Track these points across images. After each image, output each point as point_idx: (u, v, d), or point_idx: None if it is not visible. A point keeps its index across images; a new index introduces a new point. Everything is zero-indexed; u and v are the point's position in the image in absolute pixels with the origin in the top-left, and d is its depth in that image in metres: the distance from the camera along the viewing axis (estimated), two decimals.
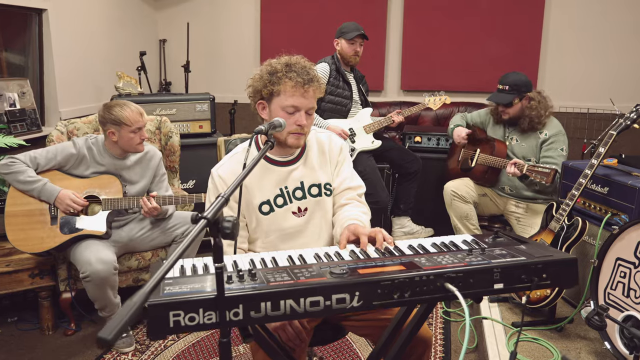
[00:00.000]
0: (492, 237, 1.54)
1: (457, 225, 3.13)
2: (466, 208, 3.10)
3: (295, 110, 1.64)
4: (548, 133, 2.97)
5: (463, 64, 4.85)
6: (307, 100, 1.64)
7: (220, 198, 1.04)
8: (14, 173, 2.45)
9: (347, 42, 3.36)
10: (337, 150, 1.83)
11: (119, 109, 2.47)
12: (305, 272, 1.21)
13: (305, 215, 1.77)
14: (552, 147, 2.94)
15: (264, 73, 1.68)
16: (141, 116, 2.52)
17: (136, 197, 2.55)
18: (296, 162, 1.77)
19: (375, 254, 1.40)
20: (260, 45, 5.13)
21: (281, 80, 1.62)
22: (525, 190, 3.02)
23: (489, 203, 3.17)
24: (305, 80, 1.62)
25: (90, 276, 2.34)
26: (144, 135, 2.55)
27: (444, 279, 1.23)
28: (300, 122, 1.64)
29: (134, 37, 4.83)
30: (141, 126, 2.52)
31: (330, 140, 1.84)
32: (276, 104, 1.66)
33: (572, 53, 4.66)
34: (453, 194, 3.11)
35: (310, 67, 1.68)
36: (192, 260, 1.33)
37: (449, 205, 3.15)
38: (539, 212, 2.95)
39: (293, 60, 1.67)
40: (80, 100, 4.11)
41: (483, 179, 3.14)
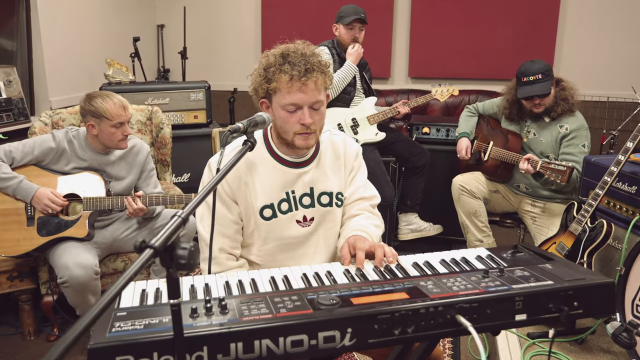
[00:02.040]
0: (510, 251, 1.34)
1: (465, 222, 2.92)
2: (475, 204, 2.88)
3: (296, 107, 1.43)
4: (569, 127, 2.70)
5: (474, 50, 4.59)
6: (308, 95, 1.41)
7: (175, 218, 0.83)
8: None
9: (345, 27, 3.12)
10: (352, 156, 1.62)
11: (100, 101, 2.26)
12: (288, 302, 1.01)
13: (311, 225, 1.57)
14: (573, 142, 2.68)
15: (260, 68, 1.47)
16: (124, 110, 2.29)
17: (120, 197, 2.35)
18: (308, 164, 1.55)
19: (375, 275, 1.19)
20: (261, 30, 4.89)
21: (275, 76, 1.41)
22: (542, 189, 2.78)
23: (501, 200, 2.94)
24: (301, 72, 1.38)
25: (68, 282, 2.16)
26: (127, 131, 2.33)
27: (456, 310, 1.03)
28: (304, 120, 1.42)
29: (130, 22, 4.60)
30: (124, 121, 2.30)
31: (346, 143, 1.63)
32: (276, 103, 1.45)
33: (591, 37, 4.37)
34: (461, 188, 2.89)
35: (312, 53, 1.44)
36: (158, 282, 1.13)
37: (457, 200, 2.94)
38: (556, 212, 2.72)
39: (291, 48, 1.44)
40: (72, 89, 3.91)
41: (495, 175, 2.91)
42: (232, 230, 1.53)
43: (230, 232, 1.52)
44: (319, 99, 1.44)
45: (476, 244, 2.89)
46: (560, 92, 2.73)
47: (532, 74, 2.67)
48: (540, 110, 2.72)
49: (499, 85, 4.56)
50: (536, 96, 2.66)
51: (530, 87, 2.67)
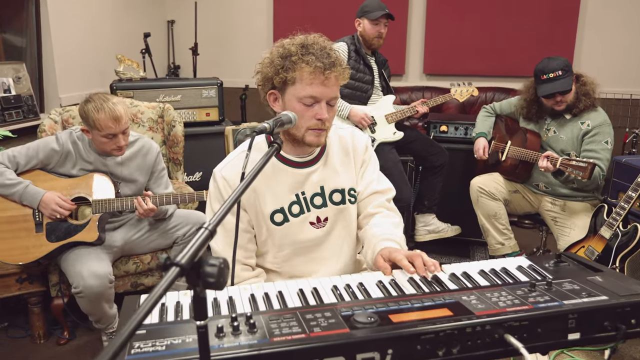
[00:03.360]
0: (553, 261, 1.24)
1: (485, 225, 2.81)
2: (495, 206, 2.77)
3: (314, 101, 1.34)
4: (591, 124, 2.58)
5: (491, 46, 4.47)
6: (329, 89, 1.34)
7: (202, 231, 0.75)
8: None
9: (371, 22, 3.03)
10: (362, 149, 1.53)
11: (93, 108, 2.11)
12: (321, 319, 0.92)
13: (326, 226, 1.48)
14: (595, 139, 2.56)
15: (275, 57, 1.36)
16: (116, 122, 2.11)
17: (130, 198, 2.26)
18: (315, 163, 1.47)
19: (411, 288, 1.10)
20: (272, 26, 4.80)
21: (296, 66, 1.32)
22: (561, 187, 2.68)
23: (521, 201, 2.83)
24: (325, 65, 1.31)
25: (83, 292, 2.08)
26: (120, 142, 2.19)
27: (504, 329, 0.94)
28: (321, 115, 1.34)
29: (140, 18, 4.53)
30: (115, 133, 2.15)
31: (354, 136, 1.54)
32: (291, 94, 1.35)
33: (613, 32, 4.24)
34: (480, 190, 2.79)
35: (331, 47, 1.36)
36: (178, 295, 1.05)
37: (476, 202, 2.83)
38: (577, 211, 2.62)
39: (310, 40, 1.36)
40: (81, 86, 3.85)
41: (514, 174, 2.81)
42: (244, 240, 1.45)
43: (242, 241, 1.44)
44: (337, 95, 1.37)
45: (497, 247, 2.79)
46: (581, 87, 2.62)
47: (552, 70, 2.56)
48: (562, 108, 2.61)
49: (517, 83, 4.45)
50: (558, 93, 2.55)
51: (552, 85, 2.56)
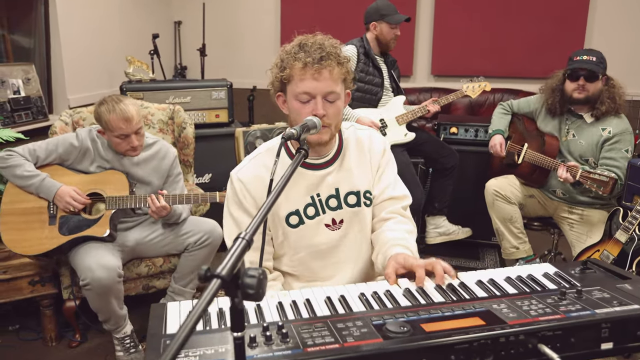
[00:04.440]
0: (579, 268, 1.23)
1: (500, 228, 2.79)
2: (510, 210, 2.74)
3: (309, 97, 1.33)
4: (612, 131, 2.52)
5: (499, 47, 4.46)
6: (322, 84, 1.31)
7: (240, 241, 0.74)
8: (11, 167, 2.22)
9: (390, 25, 3.02)
10: (379, 152, 1.51)
11: (105, 109, 2.17)
12: (353, 329, 0.91)
13: (341, 228, 1.47)
14: (616, 147, 2.50)
15: (277, 59, 1.39)
16: (127, 123, 2.16)
17: (144, 196, 2.27)
18: (331, 164, 1.46)
19: (439, 296, 1.09)
20: (280, 26, 4.79)
21: (289, 64, 1.33)
22: (579, 194, 2.63)
23: (536, 205, 2.81)
24: (315, 59, 1.29)
25: (90, 284, 2.08)
26: (134, 143, 2.22)
27: (538, 338, 0.93)
28: (316, 111, 1.32)
29: (147, 19, 4.53)
30: (127, 133, 2.19)
31: (372, 139, 1.52)
32: (289, 94, 1.37)
33: (622, 34, 4.22)
34: (495, 193, 2.76)
35: (331, 44, 1.34)
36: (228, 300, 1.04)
37: (491, 206, 2.80)
38: (596, 220, 2.58)
39: (309, 38, 1.36)
40: (90, 87, 3.85)
41: (530, 179, 2.78)
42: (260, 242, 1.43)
43: (259, 243, 1.43)
44: (333, 90, 1.34)
45: (512, 251, 2.77)
46: (609, 89, 2.56)
47: (587, 54, 2.54)
48: (581, 97, 2.53)
49: (525, 84, 4.45)
50: (583, 76, 2.50)
51: (581, 63, 2.53)
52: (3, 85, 3.20)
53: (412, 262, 1.20)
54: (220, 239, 2.43)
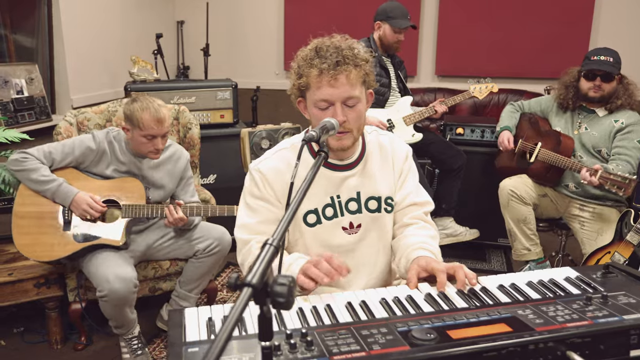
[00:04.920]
0: (601, 272, 1.21)
1: (513, 229, 2.76)
2: (525, 211, 2.72)
3: (328, 104, 1.31)
4: (625, 122, 2.56)
5: (504, 47, 4.43)
6: (339, 90, 1.28)
7: (267, 247, 0.72)
8: (26, 170, 2.16)
9: (394, 29, 3.00)
10: (402, 157, 1.49)
11: (139, 107, 2.14)
12: (378, 336, 0.89)
13: (358, 233, 1.45)
14: (628, 137, 2.53)
15: (294, 66, 1.36)
16: (159, 124, 2.14)
17: (160, 206, 2.24)
18: (353, 167, 1.44)
19: (461, 301, 1.07)
20: (284, 27, 4.76)
21: (305, 71, 1.30)
22: (592, 188, 2.60)
23: (549, 205, 2.79)
24: (331, 65, 1.26)
25: (108, 296, 2.05)
26: (158, 145, 2.19)
27: (566, 345, 0.91)
28: (336, 117, 1.28)
29: (150, 18, 4.50)
30: (155, 134, 2.16)
31: (394, 144, 1.50)
32: (309, 101, 1.35)
33: (628, 34, 4.20)
34: (511, 194, 2.72)
35: (348, 46, 1.30)
36: (223, 308, 1.02)
37: (505, 206, 2.77)
38: (607, 217, 2.58)
39: (325, 42, 1.32)
40: (93, 87, 3.82)
41: (544, 178, 2.75)
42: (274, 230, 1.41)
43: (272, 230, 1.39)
44: (352, 95, 1.30)
45: (524, 253, 2.75)
46: (624, 87, 2.62)
47: (605, 54, 2.60)
48: (596, 96, 2.59)
49: (529, 84, 4.43)
50: (599, 76, 2.56)
51: (598, 64, 2.57)
52: (6, 85, 3.18)
53: (434, 265, 1.18)
54: (230, 245, 2.40)
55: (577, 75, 2.69)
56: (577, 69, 2.70)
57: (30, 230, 2.19)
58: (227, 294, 2.96)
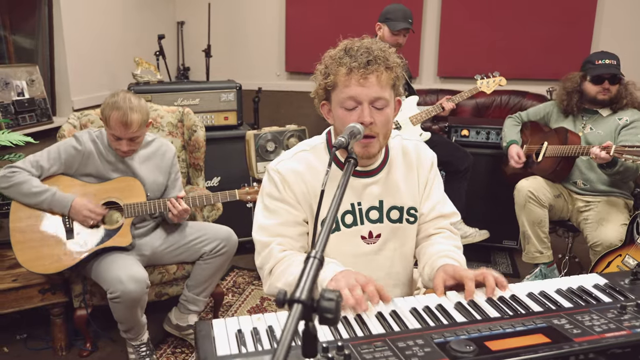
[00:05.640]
0: (629, 279, 1.19)
1: (528, 232, 2.74)
2: (541, 213, 2.70)
3: (355, 104, 1.25)
4: (629, 118, 2.61)
5: (506, 48, 4.42)
6: (369, 89, 1.23)
7: (312, 260, 0.69)
8: (16, 184, 2.09)
9: (391, 32, 2.98)
10: (427, 165, 1.45)
11: (111, 104, 2.09)
12: (416, 348, 0.86)
13: (377, 243, 1.41)
14: (632, 132, 2.58)
15: (321, 66, 1.33)
16: (124, 127, 2.07)
17: (163, 200, 2.21)
18: (376, 174, 1.40)
19: (493, 310, 1.05)
20: (285, 28, 4.73)
21: (333, 70, 1.26)
22: (600, 183, 2.66)
23: (562, 205, 2.78)
24: (361, 64, 1.22)
25: (121, 297, 2.01)
26: (123, 147, 2.14)
27: (606, 356, 0.88)
28: (363, 118, 1.24)
29: (151, 19, 4.46)
30: (120, 137, 2.11)
31: (419, 150, 1.46)
32: (335, 101, 1.30)
33: (631, 35, 4.20)
34: (530, 195, 2.68)
35: (379, 48, 1.27)
36: (251, 320, 0.99)
37: (522, 207, 2.73)
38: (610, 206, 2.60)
39: (355, 42, 1.29)
40: (94, 88, 3.77)
41: (554, 173, 2.74)
42: (295, 232, 1.37)
43: (292, 233, 1.37)
44: (381, 96, 1.26)
45: (536, 256, 2.74)
46: (625, 87, 2.68)
47: (609, 58, 2.65)
48: (606, 98, 2.64)
49: (531, 86, 4.42)
50: (607, 80, 2.60)
51: (606, 68, 2.62)
52: (7, 87, 3.13)
53: (462, 273, 1.15)
54: (236, 246, 2.38)
55: (579, 80, 2.73)
56: (579, 74, 2.74)
57: (32, 244, 2.13)
58: (233, 298, 2.93)
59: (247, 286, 3.08)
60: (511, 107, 4.30)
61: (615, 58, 2.65)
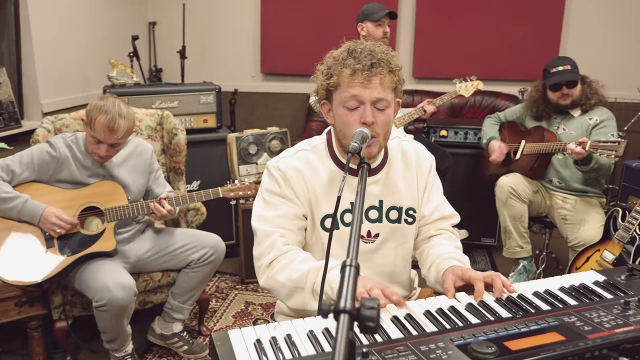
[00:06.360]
0: (625, 275, 1.23)
1: (509, 227, 2.81)
2: (522, 209, 2.77)
3: (357, 103, 1.26)
4: (599, 118, 2.71)
5: (479, 50, 4.52)
6: (371, 90, 1.24)
7: (348, 269, 0.68)
8: None
9: (374, 23, 3.01)
10: (426, 168, 1.47)
11: (100, 107, 2.02)
12: (439, 352, 0.87)
13: (375, 242, 1.42)
14: (603, 131, 2.67)
15: (324, 66, 1.33)
16: (109, 132, 2.01)
17: (145, 202, 2.16)
18: (376, 173, 1.41)
19: (504, 310, 1.06)
20: (260, 29, 4.69)
21: (337, 71, 1.27)
22: (575, 182, 2.75)
23: (540, 201, 2.87)
24: (365, 66, 1.23)
25: (108, 305, 1.94)
26: (102, 152, 2.06)
27: (619, 351, 0.91)
28: (365, 118, 1.25)
29: (122, 19, 4.34)
30: (102, 141, 2.04)
31: (418, 152, 1.48)
32: (336, 101, 1.31)
33: (597, 38, 4.36)
34: (511, 191, 2.75)
35: (382, 51, 1.28)
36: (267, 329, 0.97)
37: (504, 203, 2.80)
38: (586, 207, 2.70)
39: (359, 45, 1.30)
40: (64, 91, 3.65)
41: (532, 170, 2.82)
42: (295, 225, 1.37)
43: (293, 226, 1.37)
44: (384, 97, 1.27)
45: (516, 251, 2.82)
46: (588, 87, 2.76)
47: (562, 64, 2.73)
48: (567, 103, 2.72)
49: (505, 86, 4.52)
50: (564, 86, 2.68)
51: (560, 76, 2.70)
52: None
53: (470, 274, 1.17)
54: (224, 254, 2.34)
55: (542, 89, 2.83)
56: (541, 83, 2.84)
57: (8, 252, 2.02)
58: (217, 304, 2.89)
59: (231, 291, 3.04)
60: (484, 108, 4.40)
61: (570, 62, 2.73)
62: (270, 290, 1.34)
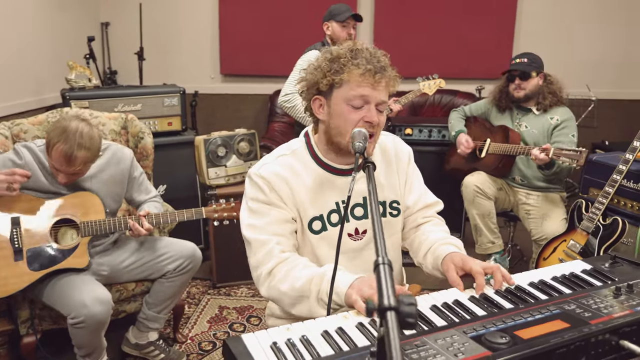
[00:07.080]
0: (608, 263, 1.30)
1: (479, 224, 2.89)
2: (489, 205, 2.86)
3: (363, 102, 1.29)
4: (559, 118, 2.81)
5: (437, 48, 4.64)
6: (379, 93, 1.28)
7: (382, 267, 0.69)
8: None
9: (339, 24, 3.03)
10: (405, 160, 1.50)
11: (58, 132, 1.87)
12: (455, 344, 0.89)
13: (363, 239, 1.44)
14: (564, 132, 2.78)
15: (322, 62, 1.33)
16: (66, 163, 1.88)
17: (123, 218, 2.06)
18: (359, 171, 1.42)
19: (505, 302, 1.10)
20: (219, 29, 4.62)
21: (346, 68, 1.28)
22: (536, 179, 2.85)
23: (504, 197, 2.97)
24: (376, 68, 1.27)
25: (85, 321, 1.86)
26: (62, 180, 1.95)
27: (619, 335, 0.96)
28: (370, 117, 1.28)
29: (72, 20, 4.15)
30: (61, 171, 1.92)
31: (396, 145, 1.51)
32: (338, 97, 1.30)
33: (547, 36, 4.57)
34: (477, 189, 2.84)
35: (383, 54, 1.33)
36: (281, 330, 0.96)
37: (471, 202, 2.88)
38: (548, 202, 2.82)
39: (358, 46, 1.33)
40: (17, 94, 3.44)
41: (496, 169, 2.92)
42: (287, 230, 1.37)
43: (285, 231, 1.36)
44: (386, 100, 1.32)
45: (488, 246, 2.90)
46: (548, 85, 2.86)
47: (520, 57, 2.87)
48: (520, 95, 2.83)
49: (462, 85, 4.66)
50: (518, 77, 2.80)
51: (515, 65, 2.85)
52: None
53: (471, 265, 1.20)
54: (200, 262, 2.29)
55: (506, 81, 2.94)
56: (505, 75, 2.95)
57: None
58: (190, 310, 2.82)
59: (203, 296, 2.98)
60: (444, 106, 4.52)
61: (529, 57, 2.86)
62: (273, 299, 1.33)
